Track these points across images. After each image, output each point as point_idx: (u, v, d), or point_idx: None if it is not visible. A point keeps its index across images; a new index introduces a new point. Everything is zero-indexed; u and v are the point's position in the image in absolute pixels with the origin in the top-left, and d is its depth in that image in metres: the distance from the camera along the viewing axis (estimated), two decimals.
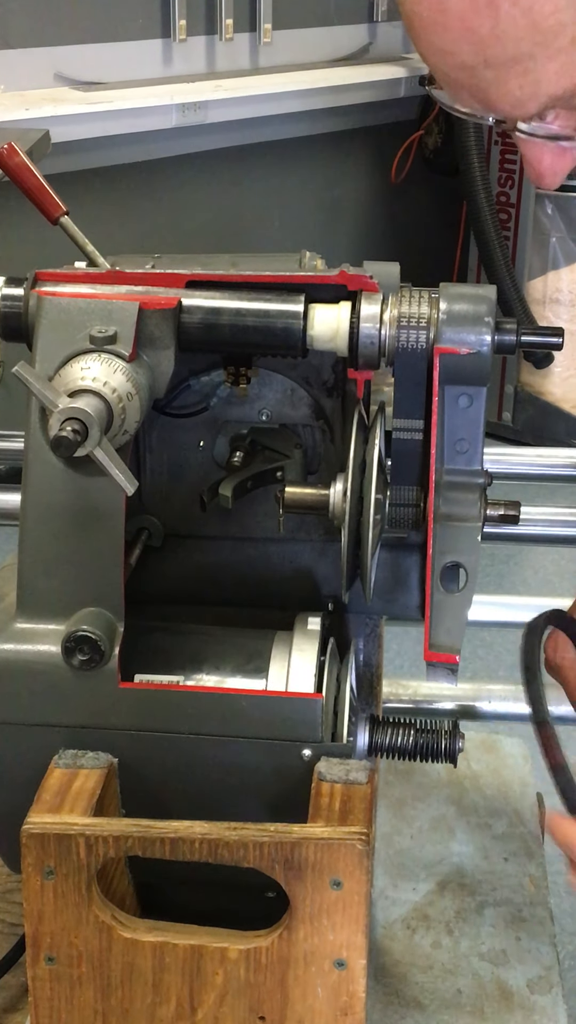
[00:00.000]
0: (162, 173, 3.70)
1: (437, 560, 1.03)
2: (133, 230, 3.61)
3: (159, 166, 3.67)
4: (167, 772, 1.02)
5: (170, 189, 3.75)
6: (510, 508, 1.07)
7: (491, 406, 4.26)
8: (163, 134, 3.56)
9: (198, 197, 3.84)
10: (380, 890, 1.27)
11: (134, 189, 3.64)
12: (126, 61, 3.57)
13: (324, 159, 4.24)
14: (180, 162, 3.72)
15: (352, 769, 0.99)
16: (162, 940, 0.95)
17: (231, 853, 0.93)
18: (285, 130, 3.96)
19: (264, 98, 3.75)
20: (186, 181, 3.78)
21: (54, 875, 0.94)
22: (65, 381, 0.96)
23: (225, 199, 3.94)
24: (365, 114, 4.19)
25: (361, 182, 4.41)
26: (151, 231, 3.67)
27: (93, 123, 3.33)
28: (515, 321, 1.05)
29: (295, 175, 4.15)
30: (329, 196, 4.32)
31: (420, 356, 1.02)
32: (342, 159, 4.31)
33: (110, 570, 1.01)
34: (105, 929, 0.95)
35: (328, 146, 4.21)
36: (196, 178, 3.80)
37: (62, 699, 1.01)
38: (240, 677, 1.04)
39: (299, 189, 4.19)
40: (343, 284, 1.04)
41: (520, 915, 1.24)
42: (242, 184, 3.97)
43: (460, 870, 1.30)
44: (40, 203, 1.20)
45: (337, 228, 4.38)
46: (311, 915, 0.93)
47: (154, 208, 3.73)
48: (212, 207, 3.89)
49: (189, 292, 1.04)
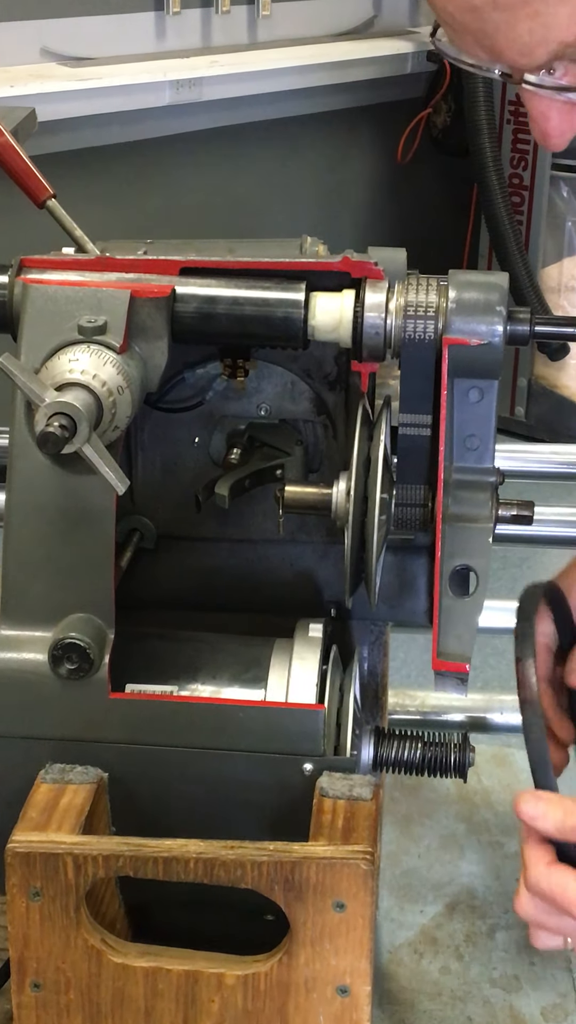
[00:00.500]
0: (155, 154, 3.70)
1: (446, 563, 1.03)
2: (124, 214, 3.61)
3: (152, 146, 3.67)
4: (160, 788, 1.02)
5: (163, 171, 3.75)
6: (523, 508, 1.07)
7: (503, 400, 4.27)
8: (156, 112, 3.56)
9: (193, 179, 3.84)
10: (385, 912, 1.27)
11: (125, 171, 3.64)
12: (117, 35, 3.57)
13: (326, 139, 4.24)
14: (174, 142, 3.72)
15: (356, 784, 0.99)
16: (155, 965, 0.95)
17: (228, 873, 0.93)
18: (285, 108, 3.97)
19: (263, 74, 3.75)
20: (180, 162, 3.78)
21: (40, 896, 0.94)
22: (52, 374, 0.97)
23: (222, 181, 3.94)
24: (370, 91, 4.19)
25: (365, 163, 4.41)
26: (143, 215, 3.67)
27: (82, 101, 3.33)
28: (528, 310, 1.05)
29: (296, 156, 4.15)
30: (332, 178, 4.32)
31: (428, 347, 1.02)
32: (345, 139, 4.31)
33: (100, 574, 1.01)
34: (94, 954, 0.95)
35: (331, 125, 4.21)
36: (191, 159, 3.80)
37: (49, 710, 1.01)
38: (237, 687, 1.04)
39: (300, 171, 4.19)
40: (346, 271, 1.04)
41: None
42: (239, 165, 3.97)
43: (470, 891, 1.30)
44: (26, 185, 1.20)
45: (340, 212, 4.39)
46: (312, 939, 0.93)
47: (146, 191, 3.73)
48: (208, 190, 3.89)
49: (183, 280, 1.04)
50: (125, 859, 0.93)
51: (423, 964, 1.22)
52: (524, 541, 1.51)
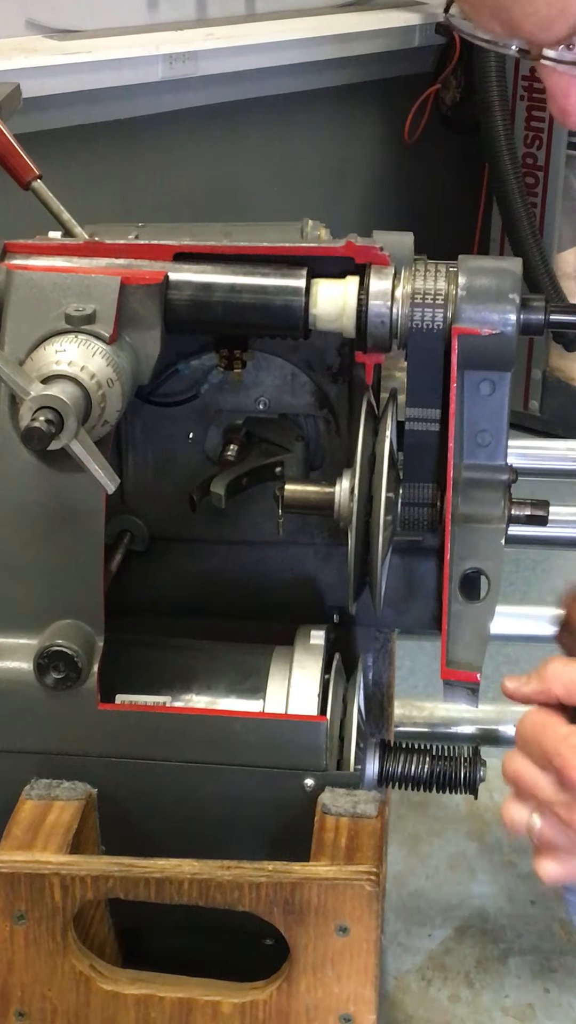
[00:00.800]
0: (147, 132, 3.70)
1: (455, 566, 1.03)
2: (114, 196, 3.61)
3: (144, 124, 3.67)
4: (152, 804, 1.02)
5: (156, 150, 3.75)
6: (537, 508, 1.07)
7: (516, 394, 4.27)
8: (148, 88, 3.56)
9: (187, 159, 3.84)
10: (391, 936, 1.27)
11: (115, 150, 3.64)
12: (106, 6, 3.57)
13: (329, 116, 4.24)
14: (167, 120, 3.72)
15: (360, 801, 0.99)
16: (147, 993, 0.95)
17: (224, 895, 0.93)
18: (285, 84, 3.96)
19: (261, 48, 3.75)
20: (174, 141, 3.78)
21: (25, 920, 0.94)
22: (38, 365, 0.97)
23: (218, 161, 3.94)
24: (375, 66, 4.19)
25: (370, 142, 4.41)
26: (134, 197, 3.67)
27: (69, 76, 3.33)
28: (543, 298, 1.05)
29: (296, 134, 4.15)
30: (334, 158, 4.32)
31: (436, 337, 1.02)
32: (349, 116, 4.31)
33: (88, 578, 1.01)
34: (83, 980, 0.95)
35: (333, 102, 4.21)
36: (185, 138, 3.80)
37: (34, 722, 1.01)
38: (234, 698, 1.04)
39: (301, 150, 4.19)
40: (350, 256, 1.04)
41: (549, 965, 1.24)
42: (237, 144, 3.97)
43: (481, 914, 1.30)
44: (9, 166, 1.20)
45: (343, 194, 4.39)
46: (314, 965, 0.93)
47: (138, 171, 3.73)
48: (203, 170, 3.89)
49: (177, 266, 1.04)
50: (115, 880, 0.93)
51: (431, 991, 1.22)
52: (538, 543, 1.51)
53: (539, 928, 1.29)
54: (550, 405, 4.40)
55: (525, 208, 4.17)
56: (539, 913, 1.30)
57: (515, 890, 1.33)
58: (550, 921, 1.29)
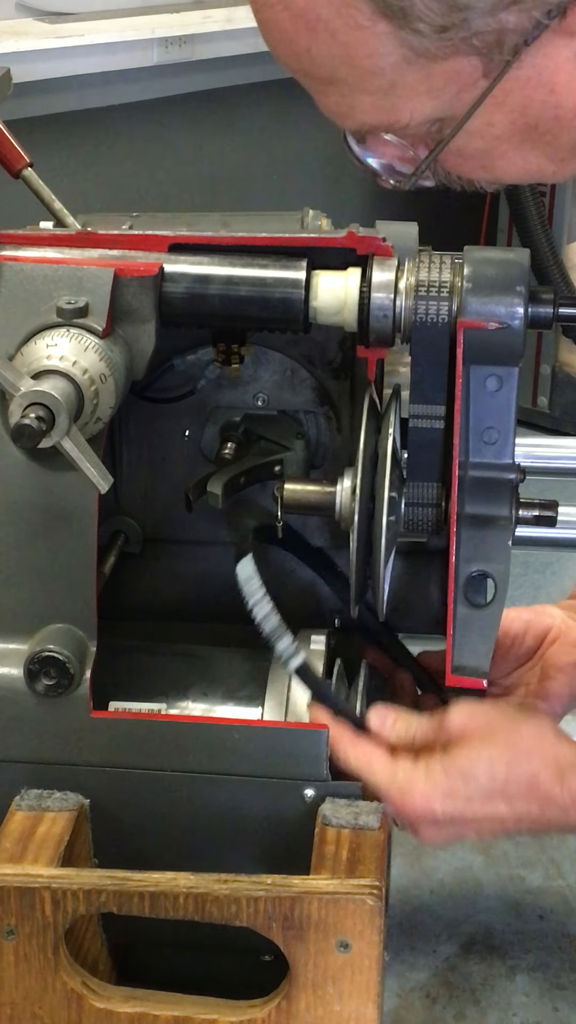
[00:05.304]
0: (142, 118, 3.70)
1: (461, 569, 1.03)
2: (107, 185, 3.61)
3: (138, 110, 3.67)
4: (146, 815, 1.02)
5: (151, 137, 3.75)
6: (546, 508, 1.07)
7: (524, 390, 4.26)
8: (143, 73, 3.56)
9: (184, 146, 3.84)
10: (395, 952, 1.27)
11: (109, 137, 3.64)
12: None
13: None
14: (162, 105, 3.72)
15: (362, 812, 0.99)
16: (141, 1011, 0.95)
17: (221, 910, 0.93)
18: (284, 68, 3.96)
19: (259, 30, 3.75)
20: (170, 128, 3.78)
21: (15, 935, 0.94)
22: (28, 360, 0.97)
23: (215, 149, 3.94)
24: None
25: None
26: (129, 186, 3.67)
27: (61, 60, 3.33)
28: (552, 290, 1.05)
29: (296, 121, 4.15)
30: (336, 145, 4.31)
31: (441, 331, 1.02)
32: None
33: (80, 580, 1.01)
34: (75, 998, 0.95)
35: None
36: (181, 124, 3.80)
37: (24, 730, 1.01)
38: (232, 705, 1.04)
39: (301, 137, 4.19)
40: (352, 247, 1.04)
41: (558, 982, 1.24)
42: (235, 131, 3.97)
43: (488, 930, 1.30)
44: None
45: (345, 182, 4.38)
46: (314, 982, 0.93)
47: (132, 159, 3.73)
48: (200, 158, 3.89)
49: (172, 257, 1.04)
50: (108, 894, 0.93)
51: (436, 1010, 1.22)
52: (547, 544, 1.51)
53: (548, 944, 1.29)
54: (559, 402, 4.40)
55: (534, 197, 4.17)
56: (548, 928, 1.30)
57: (523, 904, 1.33)
58: (559, 937, 1.29)
